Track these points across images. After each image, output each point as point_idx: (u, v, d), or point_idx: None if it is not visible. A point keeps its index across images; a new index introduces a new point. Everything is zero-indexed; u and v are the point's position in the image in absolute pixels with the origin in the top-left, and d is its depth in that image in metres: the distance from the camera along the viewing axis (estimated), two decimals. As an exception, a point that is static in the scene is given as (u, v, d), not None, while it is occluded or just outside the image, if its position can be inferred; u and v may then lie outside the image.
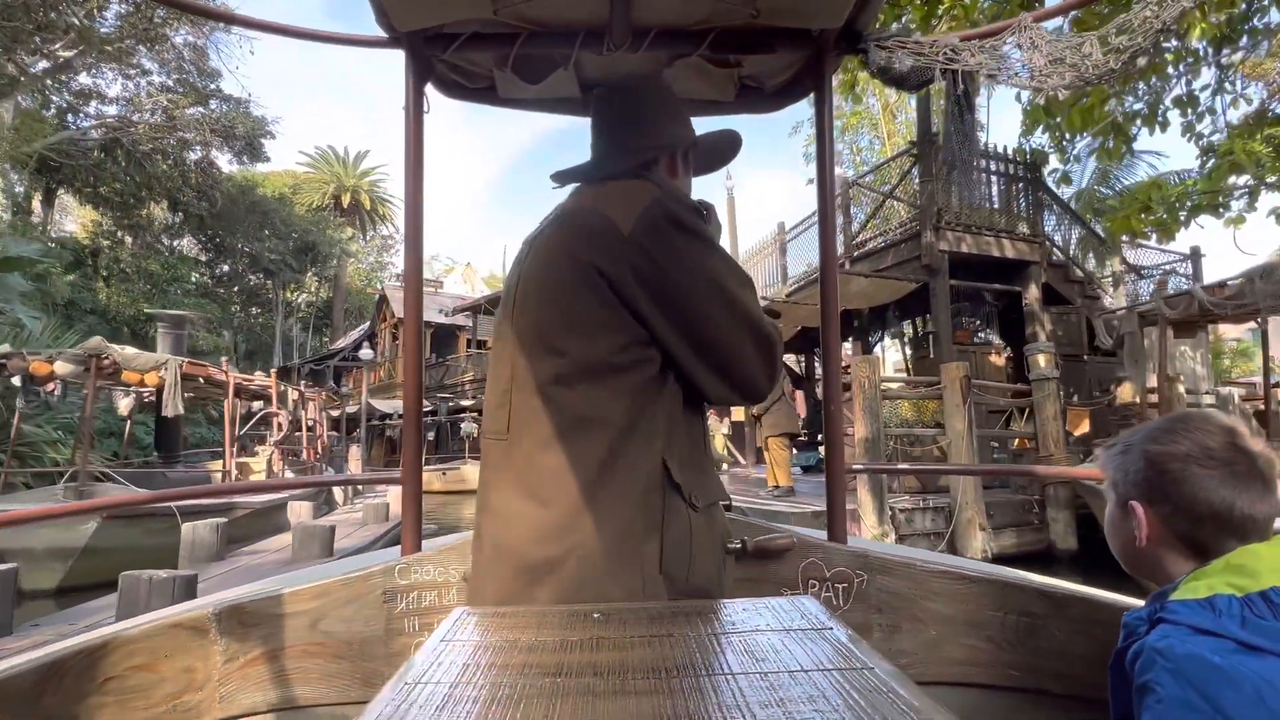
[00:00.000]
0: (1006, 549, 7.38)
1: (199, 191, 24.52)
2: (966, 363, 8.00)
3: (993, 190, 10.56)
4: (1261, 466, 0.82)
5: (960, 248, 9.80)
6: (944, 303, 9.69)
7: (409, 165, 1.50)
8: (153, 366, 8.67)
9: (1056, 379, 7.99)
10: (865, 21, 1.44)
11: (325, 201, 40.05)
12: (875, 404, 7.29)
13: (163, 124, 21.20)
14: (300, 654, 1.29)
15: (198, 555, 6.67)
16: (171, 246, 29.05)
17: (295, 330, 37.38)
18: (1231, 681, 0.69)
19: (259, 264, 32.52)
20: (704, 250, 1.07)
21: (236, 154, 24.86)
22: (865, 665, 0.62)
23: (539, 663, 0.65)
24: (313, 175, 41.26)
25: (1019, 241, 10.33)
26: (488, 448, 1.12)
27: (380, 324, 31.67)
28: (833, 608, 1.36)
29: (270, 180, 35.55)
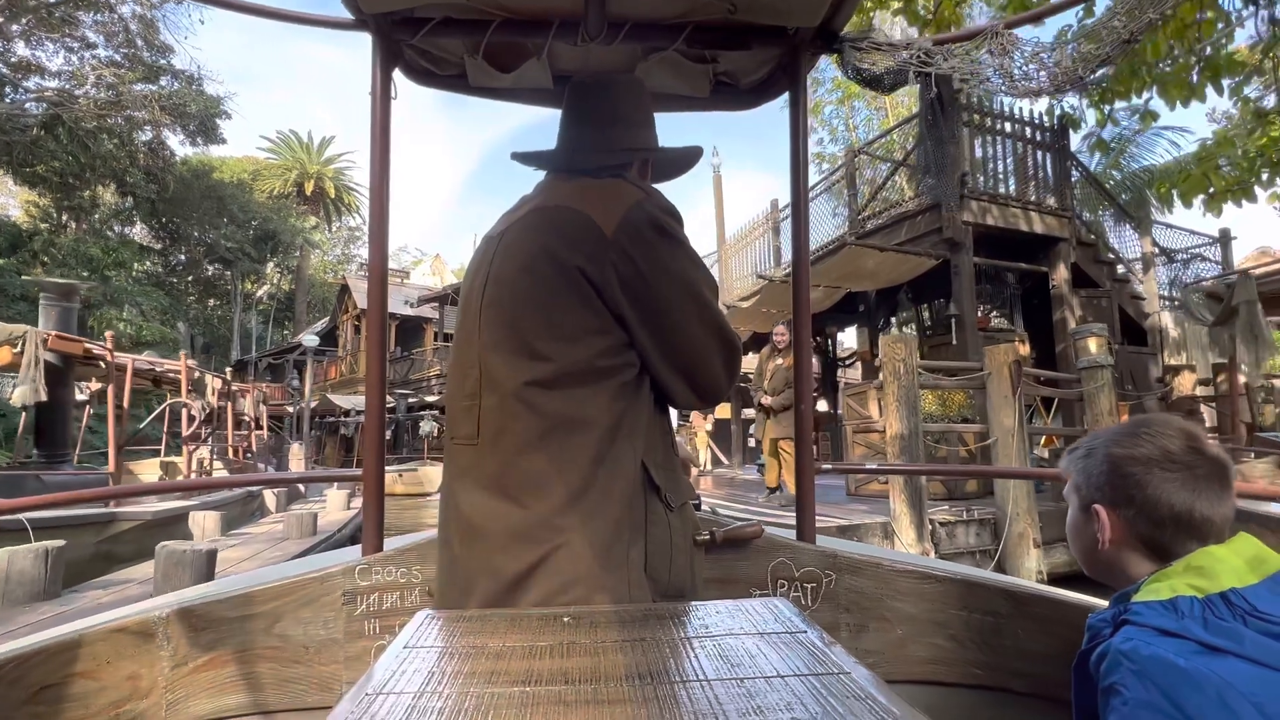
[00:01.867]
0: (1058, 567, 5.92)
1: (148, 174, 23.19)
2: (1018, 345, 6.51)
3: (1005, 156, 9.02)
4: (1219, 470, 0.84)
5: (985, 219, 8.42)
6: (968, 281, 8.38)
7: (374, 153, 1.45)
8: (4, 340, 6.73)
9: (1111, 366, 6.59)
10: (841, 21, 1.44)
11: (287, 189, 38.44)
12: (912, 392, 5.85)
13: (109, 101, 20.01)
14: (254, 658, 1.24)
15: (13, 594, 4.59)
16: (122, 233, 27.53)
17: (255, 323, 36.03)
18: (1194, 683, 0.70)
19: (215, 253, 31.07)
20: (683, 257, 1.06)
21: (189, 135, 23.65)
22: (841, 670, 0.61)
23: (508, 670, 0.63)
24: (274, 162, 39.59)
25: (1047, 215, 8.90)
26: (455, 452, 1.08)
27: (342, 316, 30.64)
28: (801, 607, 1.36)
29: (229, 166, 34.09)
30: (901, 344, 5.99)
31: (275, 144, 40.57)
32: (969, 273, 8.38)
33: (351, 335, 29.86)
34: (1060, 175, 9.20)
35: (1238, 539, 0.83)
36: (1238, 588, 0.76)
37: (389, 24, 1.40)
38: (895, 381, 5.89)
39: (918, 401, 5.93)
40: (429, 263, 43.91)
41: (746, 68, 1.57)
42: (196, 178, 27.55)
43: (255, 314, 36.40)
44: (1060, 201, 9.05)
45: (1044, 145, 9.23)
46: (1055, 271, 9.01)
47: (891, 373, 5.91)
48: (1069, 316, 8.76)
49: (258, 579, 1.33)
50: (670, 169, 1.34)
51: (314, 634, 1.27)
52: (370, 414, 1.46)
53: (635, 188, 1.09)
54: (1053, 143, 9.22)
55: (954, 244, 8.31)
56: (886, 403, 5.99)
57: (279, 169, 39.12)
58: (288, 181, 38.63)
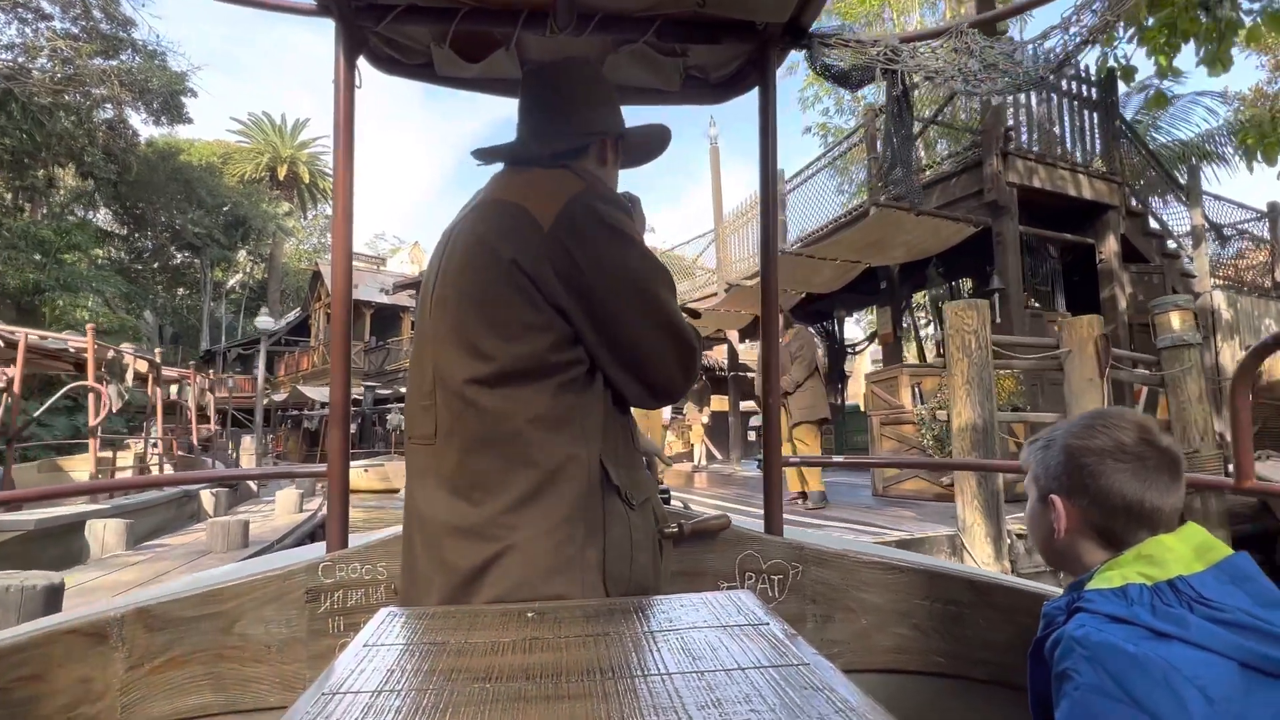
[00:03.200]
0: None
1: (108, 154, 21.82)
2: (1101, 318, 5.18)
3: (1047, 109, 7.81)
4: (1169, 461, 0.87)
5: (1032, 181, 7.31)
6: (1013, 251, 7.27)
7: (338, 142, 1.42)
8: None
9: (1199, 345, 5.33)
10: (809, 17, 1.45)
11: (259, 173, 36.81)
12: (986, 373, 4.55)
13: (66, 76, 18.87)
14: (213, 658, 1.21)
15: None
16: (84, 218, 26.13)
17: (225, 313, 34.62)
18: (1142, 668, 0.72)
19: (182, 239, 29.56)
20: (625, 249, 1.02)
21: (153, 113, 22.37)
22: (801, 661, 0.61)
23: (468, 666, 0.62)
24: (245, 146, 37.93)
25: (1096, 180, 7.70)
26: (414, 452, 1.07)
27: (315, 304, 29.60)
28: (768, 599, 1.37)
29: (197, 149, 32.73)
30: (972, 311, 4.59)
31: (246, 126, 38.83)
32: (1014, 241, 7.22)
33: (324, 324, 28.78)
34: (1108, 134, 7.96)
35: (1186, 528, 0.86)
36: (1185, 575, 0.79)
37: (352, 10, 1.37)
38: (965, 359, 4.55)
39: (992, 384, 4.64)
40: (407, 250, 42.66)
41: (716, 62, 1.57)
42: (162, 159, 26.28)
43: (225, 303, 35.04)
44: (1109, 165, 7.84)
45: (1088, 100, 7.96)
46: (1103, 244, 7.74)
47: (960, 348, 4.58)
48: (1119, 294, 7.57)
49: (218, 577, 1.30)
50: (638, 152, 1.29)
51: (276, 633, 1.25)
52: (335, 407, 1.43)
53: (578, 178, 1.05)
54: (1100, 98, 7.98)
55: (997, 208, 7.15)
56: (953, 385, 4.68)
57: (250, 153, 37.53)
58: (259, 166, 37.04)
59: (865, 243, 7.91)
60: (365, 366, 26.15)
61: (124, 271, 27.46)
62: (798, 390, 5.98)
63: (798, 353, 6.03)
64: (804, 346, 6.10)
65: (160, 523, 8.11)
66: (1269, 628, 0.73)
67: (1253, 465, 1.12)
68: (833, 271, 8.56)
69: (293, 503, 8.99)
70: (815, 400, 6.02)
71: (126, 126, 22.77)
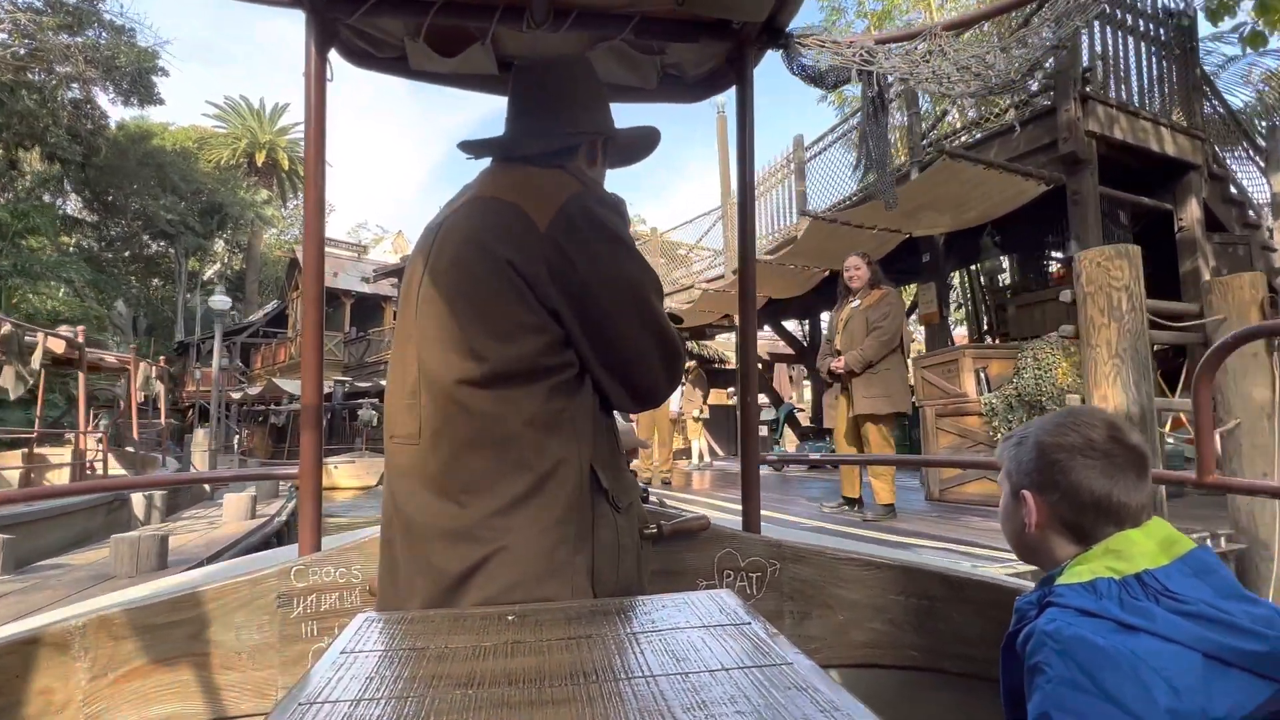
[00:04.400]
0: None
1: (73, 134, 20.64)
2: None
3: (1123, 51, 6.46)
4: (1137, 459, 0.89)
5: (1112, 131, 6.01)
6: (1093, 212, 5.96)
7: (309, 136, 1.39)
8: None
9: None
10: (786, 17, 1.46)
11: (237, 159, 35.06)
12: (1141, 343, 3.41)
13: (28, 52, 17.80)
14: (182, 666, 1.18)
15: None
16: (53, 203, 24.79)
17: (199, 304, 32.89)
18: (1111, 661, 0.74)
19: (154, 226, 28.13)
20: (621, 253, 1.02)
21: (122, 93, 21.18)
22: (784, 661, 0.62)
23: (449, 673, 0.62)
24: (222, 133, 36.06)
25: (1179, 134, 6.51)
26: (396, 452, 1.04)
27: (292, 293, 28.29)
28: (747, 596, 1.38)
29: (171, 134, 31.41)
30: (1122, 261, 3.41)
31: (223, 111, 36.96)
32: (1094, 200, 5.94)
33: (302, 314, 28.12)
34: (1186, 85, 6.82)
35: (1152, 523, 0.88)
36: (1151, 569, 0.81)
37: (324, 1, 1.34)
38: (1112, 325, 3.40)
39: (1149, 358, 3.49)
40: (390, 240, 41.16)
41: (693, 60, 1.56)
42: (133, 143, 25.18)
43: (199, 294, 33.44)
44: (1189, 119, 6.67)
45: (1163, 44, 6.76)
46: (1183, 209, 6.56)
47: (1106, 309, 3.41)
48: (1202, 268, 6.36)
49: (185, 583, 1.26)
50: (628, 153, 1.29)
51: (247, 639, 1.22)
52: (307, 407, 1.40)
53: (574, 179, 1.05)
54: (1179, 41, 6.82)
55: (1073, 162, 5.87)
56: (1092, 360, 3.47)
57: (227, 138, 35.74)
58: (236, 151, 34.97)
59: (912, 206, 6.63)
60: (344, 359, 25.36)
61: (93, 260, 26.21)
62: (867, 372, 4.47)
63: (878, 322, 4.49)
64: (889, 316, 4.51)
65: (79, 534, 6.99)
66: (1230, 619, 0.76)
67: (1213, 459, 1.16)
68: (868, 243, 7.20)
69: (243, 508, 7.80)
70: (894, 388, 4.48)
71: (93, 107, 21.62)
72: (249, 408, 26.33)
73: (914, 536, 4.07)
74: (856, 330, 4.56)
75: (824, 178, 8.98)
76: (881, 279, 4.75)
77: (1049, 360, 5.14)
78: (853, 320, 4.62)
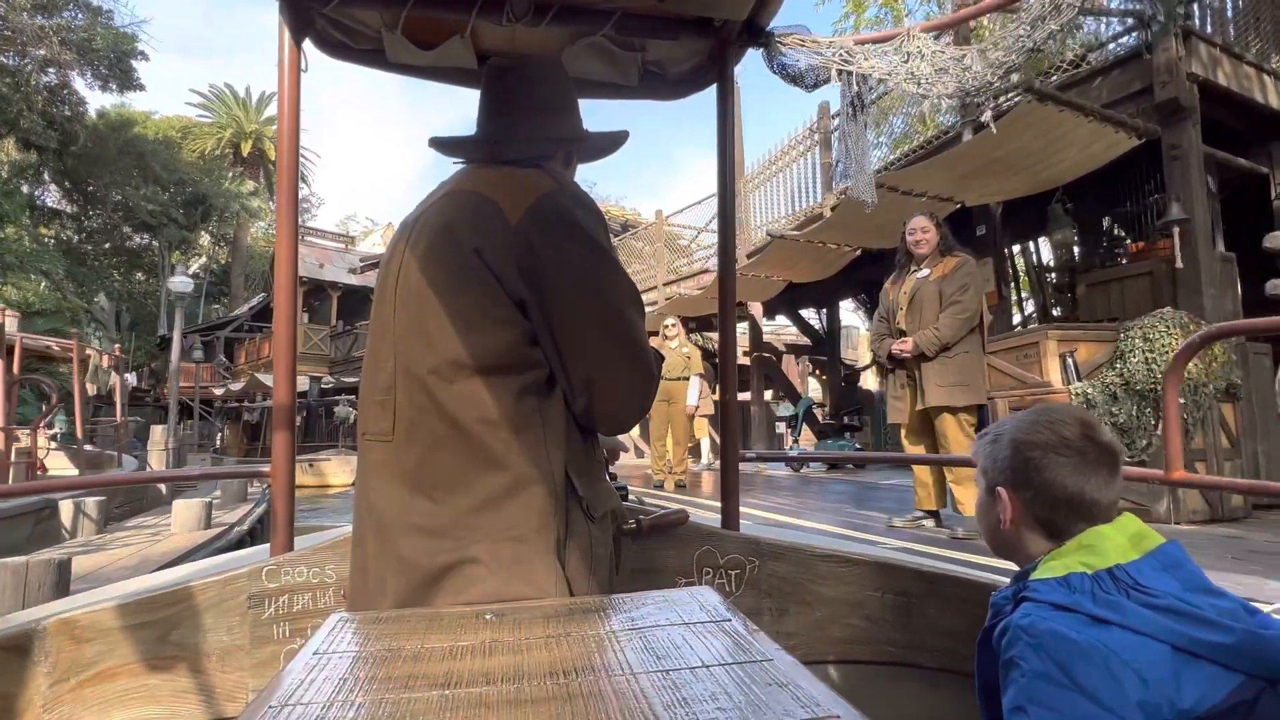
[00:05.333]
0: None
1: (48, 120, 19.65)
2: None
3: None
4: (1109, 456, 0.91)
5: (1215, 77, 5.12)
6: (1197, 167, 5.10)
7: (283, 129, 1.36)
8: None
9: None
10: (767, 16, 1.46)
11: (222, 149, 33.96)
12: None
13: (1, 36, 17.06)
14: (148, 669, 1.15)
15: None
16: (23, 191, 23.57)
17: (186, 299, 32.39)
18: (1084, 654, 0.75)
19: (135, 217, 26.91)
20: (593, 255, 0.99)
21: (100, 78, 20.29)
22: (765, 658, 0.62)
23: (426, 673, 0.61)
24: (206, 123, 34.89)
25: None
26: (369, 449, 1.03)
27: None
28: (726, 594, 1.38)
29: (154, 124, 30.43)
30: None
31: (208, 99, 35.55)
32: (1198, 155, 5.04)
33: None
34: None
35: (1122, 518, 0.89)
36: (1122, 564, 0.82)
37: (298, -9, 1.32)
38: None
39: None
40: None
41: (675, 58, 1.56)
42: (113, 131, 24.24)
43: None
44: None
45: None
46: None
47: None
48: None
49: (152, 584, 1.23)
50: (595, 154, 1.29)
51: (216, 640, 1.20)
52: (279, 404, 1.37)
53: (549, 178, 1.04)
54: None
55: (1172, 111, 4.97)
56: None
57: (212, 128, 34.52)
58: (222, 141, 34.11)
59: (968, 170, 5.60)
60: (331, 353, 24.47)
61: (72, 252, 25.20)
62: (941, 356, 3.73)
63: (956, 295, 3.73)
64: (968, 288, 3.75)
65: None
66: (1197, 611, 0.77)
67: (1181, 456, 1.18)
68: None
69: (194, 516, 6.49)
70: (973, 374, 3.76)
71: (70, 92, 20.69)
72: (224, 404, 25.66)
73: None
74: (926, 305, 3.80)
75: (852, 147, 7.89)
76: (954, 244, 3.94)
77: (1163, 342, 4.28)
78: (920, 293, 3.84)
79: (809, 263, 7.95)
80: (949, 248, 3.93)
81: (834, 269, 8.15)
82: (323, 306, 26.25)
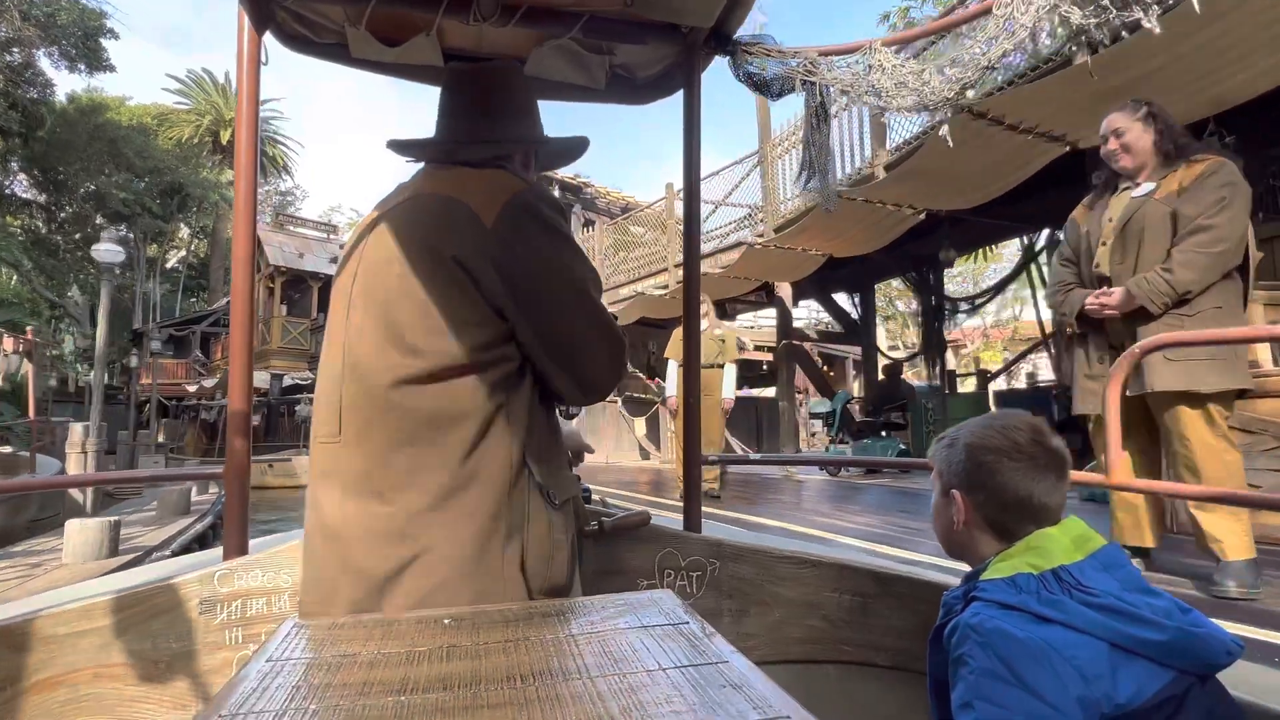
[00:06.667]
0: None
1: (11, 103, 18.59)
2: None
3: None
4: (1057, 461, 0.94)
5: None
6: None
7: (241, 124, 1.33)
8: None
9: None
10: (734, 25, 1.48)
11: (201, 137, 32.28)
12: None
13: None
14: (94, 678, 1.11)
15: None
16: None
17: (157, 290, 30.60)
18: (1028, 651, 0.78)
19: (108, 206, 25.51)
20: (565, 250, 1.05)
21: (68, 58, 19.17)
22: (720, 660, 0.63)
23: (382, 679, 0.60)
24: (184, 110, 33.23)
25: None
26: (319, 452, 1.02)
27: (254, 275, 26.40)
28: (687, 595, 1.40)
29: (129, 110, 29.11)
30: None
31: (185, 85, 33.79)
32: None
33: (265, 299, 24.57)
34: None
35: (1068, 521, 0.93)
36: (1066, 564, 0.86)
37: (259, -18, 1.29)
38: None
39: None
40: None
41: (642, 62, 1.57)
42: (83, 115, 23.09)
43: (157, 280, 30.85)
44: None
45: None
46: None
47: None
48: None
49: (97, 589, 1.19)
50: (555, 159, 1.34)
51: (165, 647, 1.16)
52: (235, 402, 1.34)
53: (517, 178, 1.06)
54: None
55: None
56: None
57: (190, 115, 32.90)
58: (200, 129, 32.50)
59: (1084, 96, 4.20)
60: (311, 348, 23.58)
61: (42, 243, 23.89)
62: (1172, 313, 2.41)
63: (1205, 218, 2.37)
64: (1226, 206, 2.36)
65: None
66: (1134, 610, 0.81)
67: (1119, 461, 1.24)
68: (1030, 150, 4.61)
69: (92, 542, 5.17)
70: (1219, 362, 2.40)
71: (35, 72, 19.54)
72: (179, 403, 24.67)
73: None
74: (1149, 236, 2.47)
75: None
76: (1192, 144, 2.58)
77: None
78: (1140, 217, 2.50)
79: (861, 230, 6.52)
80: (1184, 148, 2.52)
81: (890, 236, 6.73)
82: (302, 298, 25.19)
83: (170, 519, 6.96)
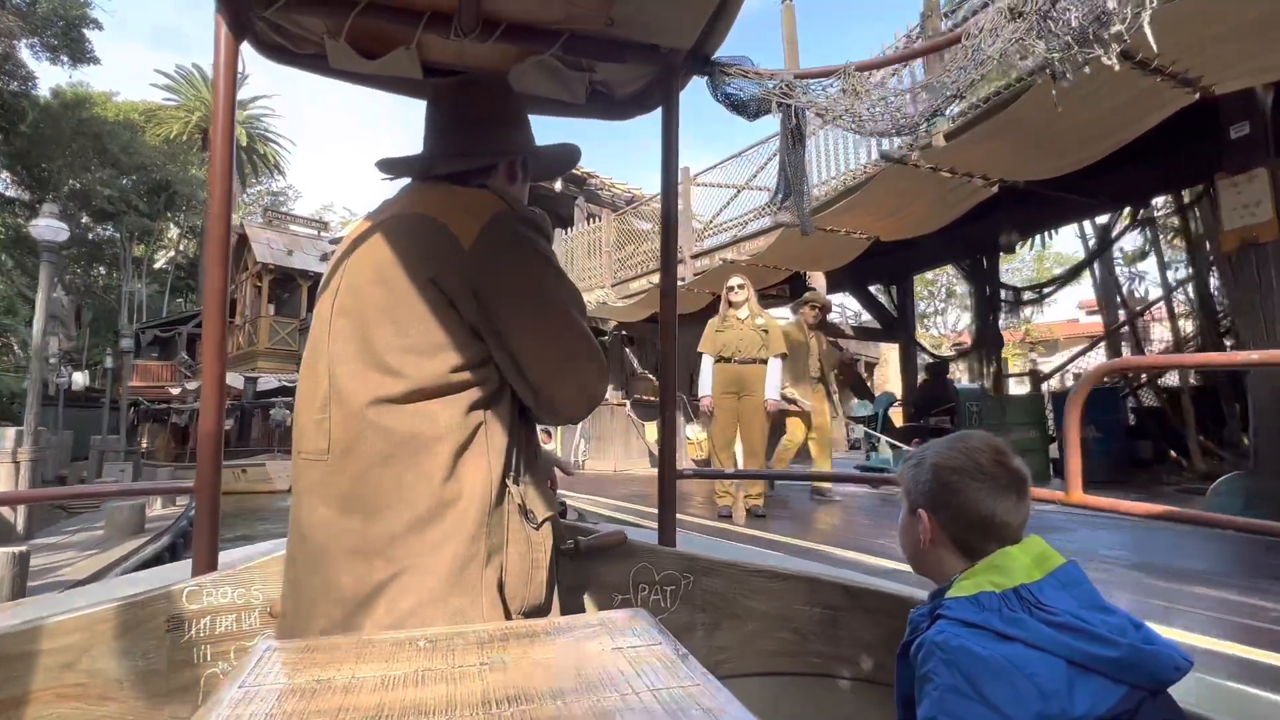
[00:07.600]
0: None
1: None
2: None
3: None
4: (1018, 481, 0.98)
5: None
6: None
7: (216, 132, 1.32)
8: None
9: None
10: (712, 46, 1.51)
11: (190, 134, 31.40)
12: None
13: None
14: (53, 698, 1.09)
15: None
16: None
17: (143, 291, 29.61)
18: (990, 669, 0.81)
19: (90, 203, 24.99)
20: (544, 272, 1.05)
21: (50, 49, 18.49)
22: (694, 682, 0.64)
23: (356, 705, 0.60)
24: (173, 107, 32.20)
25: None
26: (304, 468, 1.01)
27: (240, 273, 25.17)
28: (660, 610, 1.41)
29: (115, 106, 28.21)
30: None
31: (174, 81, 32.97)
32: None
33: (252, 298, 24.12)
34: None
35: (1029, 540, 0.96)
36: (1027, 583, 0.89)
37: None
38: None
39: None
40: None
41: (622, 80, 1.59)
42: (66, 110, 22.32)
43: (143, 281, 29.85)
44: None
45: None
46: None
47: None
48: None
49: (57, 606, 1.17)
50: (547, 170, 1.32)
51: (130, 666, 1.14)
52: (207, 409, 1.31)
53: (497, 198, 1.06)
54: None
55: None
56: None
57: (178, 111, 32.10)
58: (189, 125, 31.59)
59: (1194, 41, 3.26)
60: (300, 349, 23.16)
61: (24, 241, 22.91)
62: None
63: None
64: None
65: None
66: (1090, 628, 0.84)
67: (1079, 479, 1.28)
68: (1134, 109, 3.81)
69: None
70: None
71: (16, 64, 18.87)
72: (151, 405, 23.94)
73: None
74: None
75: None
76: None
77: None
78: None
79: (924, 205, 5.44)
80: None
81: (953, 214, 5.70)
82: (291, 298, 24.57)
83: (118, 540, 6.14)
